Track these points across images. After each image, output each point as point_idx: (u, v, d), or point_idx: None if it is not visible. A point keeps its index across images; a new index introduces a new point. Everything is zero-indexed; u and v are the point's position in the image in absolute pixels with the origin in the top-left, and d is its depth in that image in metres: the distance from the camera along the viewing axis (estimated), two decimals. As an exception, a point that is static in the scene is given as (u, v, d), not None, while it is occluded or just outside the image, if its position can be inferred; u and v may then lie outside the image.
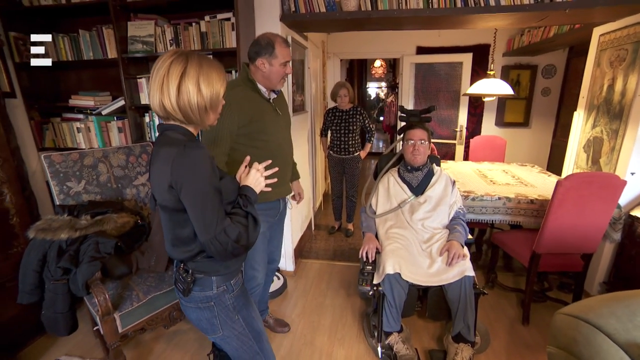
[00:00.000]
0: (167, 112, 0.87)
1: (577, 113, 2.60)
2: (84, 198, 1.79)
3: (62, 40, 2.30)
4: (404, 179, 1.93)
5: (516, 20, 2.22)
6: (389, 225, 1.88)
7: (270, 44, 1.43)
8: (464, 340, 1.67)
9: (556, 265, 2.02)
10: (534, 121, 4.05)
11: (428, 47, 4.04)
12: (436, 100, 4.12)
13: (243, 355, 1.08)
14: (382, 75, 8.66)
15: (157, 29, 2.15)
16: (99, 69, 2.50)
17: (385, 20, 2.21)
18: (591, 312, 1.12)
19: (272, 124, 1.53)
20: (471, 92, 2.72)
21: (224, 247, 0.86)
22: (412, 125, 1.90)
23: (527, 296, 2.02)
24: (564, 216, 1.83)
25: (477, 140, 3.44)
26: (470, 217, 2.24)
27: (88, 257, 1.47)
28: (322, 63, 4.14)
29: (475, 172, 2.85)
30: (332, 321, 2.12)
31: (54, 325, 1.54)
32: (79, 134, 2.36)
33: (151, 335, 1.98)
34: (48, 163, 1.71)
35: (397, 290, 1.64)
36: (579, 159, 2.54)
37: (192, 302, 0.99)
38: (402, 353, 1.66)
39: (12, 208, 1.86)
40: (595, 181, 1.79)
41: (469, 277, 1.62)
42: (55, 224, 1.54)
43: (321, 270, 2.75)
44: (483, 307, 2.21)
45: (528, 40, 3.34)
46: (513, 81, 3.95)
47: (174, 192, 0.85)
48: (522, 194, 2.21)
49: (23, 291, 1.54)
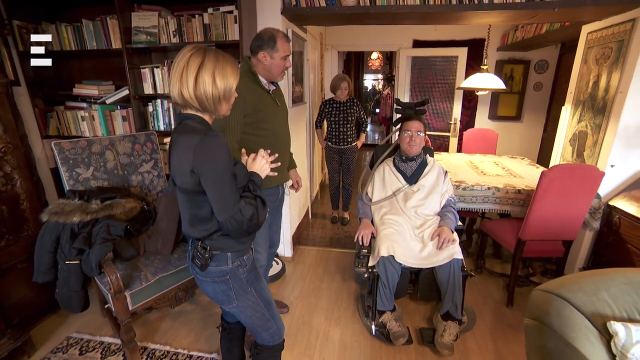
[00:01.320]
0: (185, 101, 0.95)
1: (565, 108, 2.72)
2: (92, 184, 1.86)
3: (65, 29, 2.34)
4: (399, 168, 2.05)
5: (508, 17, 2.31)
6: (384, 212, 1.99)
7: (272, 38, 1.52)
8: (452, 318, 1.81)
9: (539, 252, 2.16)
10: (526, 115, 4.17)
11: (424, 41, 4.11)
12: (431, 93, 4.21)
13: (257, 322, 1.20)
14: (379, 67, 8.69)
15: (161, 20, 2.20)
16: (101, 59, 2.54)
17: (383, 15, 2.28)
18: (562, 288, 1.25)
19: (273, 114, 1.62)
20: (465, 86, 2.81)
21: (239, 225, 0.96)
22: (409, 117, 2.00)
23: (512, 280, 2.16)
24: (547, 205, 1.96)
25: (469, 133, 3.54)
26: (461, 206, 2.36)
27: (100, 238, 1.56)
28: (320, 55, 4.19)
29: (467, 163, 2.96)
30: (329, 303, 2.24)
31: (68, 302, 1.63)
32: (83, 122, 2.42)
33: (157, 315, 2.08)
34: (58, 150, 1.77)
35: (390, 272, 1.76)
36: (565, 151, 2.66)
37: (209, 277, 1.09)
38: (394, 330, 1.79)
39: (23, 193, 1.93)
40: (576, 172, 1.91)
41: (457, 260, 1.75)
42: (67, 208, 1.62)
43: (318, 257, 2.86)
44: (471, 291, 2.35)
45: (521, 35, 3.42)
46: (507, 76, 4.05)
47: (195, 177, 0.94)
48: (510, 185, 2.33)
49: (39, 270, 1.62)
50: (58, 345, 1.86)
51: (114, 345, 1.84)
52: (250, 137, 1.56)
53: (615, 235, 2.05)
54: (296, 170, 2.00)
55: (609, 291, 1.18)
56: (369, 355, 1.81)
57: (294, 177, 1.98)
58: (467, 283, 2.36)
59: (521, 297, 2.24)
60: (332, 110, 3.17)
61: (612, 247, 2.08)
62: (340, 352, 1.83)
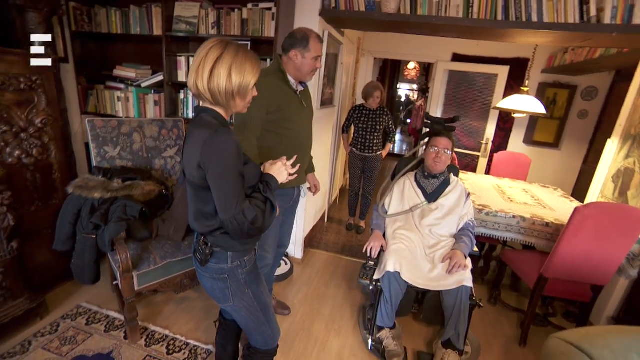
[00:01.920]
0: (199, 92, 0.95)
1: (611, 140, 2.51)
2: (117, 163, 1.93)
3: (114, 13, 2.46)
4: (420, 184, 1.97)
5: (558, 38, 2.17)
6: (398, 227, 1.93)
7: (305, 37, 1.51)
8: (453, 347, 1.72)
9: (563, 292, 2.00)
10: (565, 143, 3.91)
11: (464, 55, 3.96)
12: (465, 110, 4.06)
13: (251, 324, 1.18)
14: (415, 77, 8.52)
15: (202, 11, 2.26)
16: (143, 44, 2.65)
17: (423, 26, 2.21)
18: (586, 341, 1.13)
19: (297, 115, 1.60)
20: (501, 106, 2.67)
21: (240, 227, 0.94)
22: (438, 133, 1.92)
23: (528, 318, 2.02)
24: (577, 244, 1.81)
25: (501, 155, 3.37)
26: (482, 232, 2.24)
27: (116, 217, 1.61)
28: (355, 60, 4.15)
29: (494, 187, 2.82)
30: (332, 311, 2.20)
31: (81, 273, 1.70)
32: (118, 102, 2.53)
33: (162, 298, 2.13)
34: (90, 127, 1.86)
35: (394, 288, 1.71)
36: (606, 188, 2.46)
37: (208, 273, 1.08)
38: (390, 349, 1.74)
39: (56, 164, 2.04)
40: (616, 213, 1.75)
41: (466, 287, 1.66)
42: (91, 183, 1.69)
43: (328, 262, 2.82)
44: (482, 322, 2.22)
45: (571, 59, 3.21)
46: (549, 100, 3.82)
47: (202, 172, 0.93)
48: (538, 216, 2.18)
49: (58, 239, 1.70)
50: (68, 312, 1.94)
51: (118, 320, 1.90)
52: (271, 135, 1.55)
53: (652, 286, 1.87)
54: (314, 175, 1.98)
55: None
56: (365, 373, 1.75)
57: (311, 180, 1.96)
58: (477, 313, 2.28)
59: (536, 337, 2.09)
60: (361, 116, 3.12)
61: (648, 298, 1.90)
62: (335, 364, 1.78)
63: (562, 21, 1.91)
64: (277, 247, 1.87)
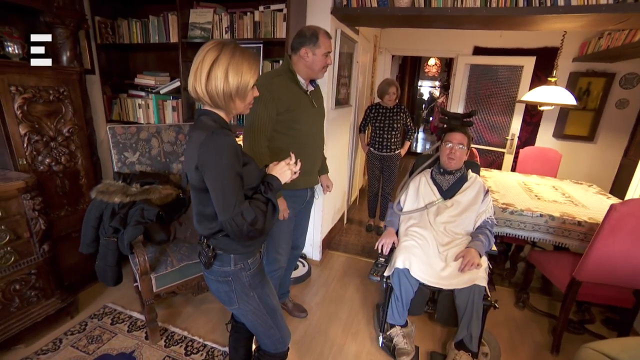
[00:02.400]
0: (198, 95, 0.96)
1: (654, 131, 2.30)
2: (137, 168, 2.00)
3: (135, 24, 2.56)
4: (435, 180, 1.93)
5: (589, 22, 2.01)
6: (411, 224, 1.89)
7: (314, 34, 1.50)
8: (465, 349, 1.66)
9: (600, 297, 1.85)
10: (602, 136, 3.63)
11: (486, 48, 3.79)
12: (488, 105, 3.87)
13: (258, 328, 1.17)
14: (436, 74, 8.27)
15: (215, 16, 2.30)
16: (162, 52, 2.74)
17: (439, 18, 2.13)
18: (625, 354, 1.03)
19: (307, 115, 1.59)
20: (526, 99, 2.52)
21: (239, 228, 0.93)
22: (453, 128, 1.85)
23: (561, 324, 1.88)
24: (614, 245, 1.66)
25: (527, 151, 3.18)
26: (506, 231, 2.12)
27: (134, 220, 1.66)
28: (372, 58, 4.08)
29: (520, 184, 2.66)
30: (349, 315, 2.16)
31: (104, 275, 1.77)
32: (139, 109, 2.63)
33: (181, 300, 2.18)
34: (111, 134, 1.93)
35: (404, 286, 1.68)
36: (648, 183, 2.25)
37: (213, 275, 1.09)
38: (400, 347, 1.72)
39: (82, 170, 2.15)
40: (659, 210, 1.59)
41: (479, 287, 1.59)
42: (111, 188, 1.75)
43: (346, 264, 2.78)
44: (507, 326, 2.10)
45: (607, 44, 2.98)
46: (582, 90, 3.57)
47: (199, 174, 0.93)
48: (568, 214, 2.03)
49: (83, 243, 1.78)
50: (96, 311, 2.03)
51: (140, 321, 1.96)
52: (281, 136, 1.54)
53: None
54: (328, 176, 1.95)
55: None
56: (383, 379, 1.69)
57: (324, 182, 1.93)
58: (503, 317, 2.18)
59: (571, 345, 1.94)
60: (378, 115, 3.06)
61: (700, 305, 1.71)
62: (352, 369, 1.75)
63: (592, 2, 1.76)
64: (292, 249, 1.86)
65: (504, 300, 2.36)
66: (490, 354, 1.76)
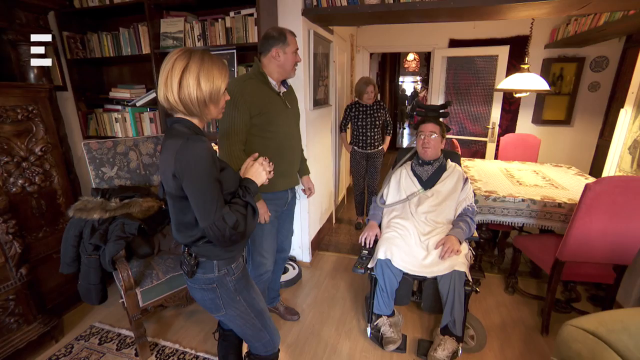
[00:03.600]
0: (171, 105, 0.94)
1: (625, 110, 2.36)
2: (116, 182, 1.96)
3: (105, 37, 2.51)
4: (415, 172, 1.97)
5: (553, 8, 2.06)
6: (394, 216, 1.92)
7: (282, 33, 1.52)
8: (450, 334, 1.70)
9: (582, 275, 1.89)
10: (578, 119, 3.72)
11: (462, 40, 3.85)
12: (468, 96, 3.94)
13: (247, 332, 1.16)
14: (416, 69, 8.37)
15: (187, 25, 2.28)
16: (136, 64, 2.70)
17: (408, 13, 2.15)
18: (602, 326, 1.06)
19: (281, 117, 1.59)
20: (502, 87, 2.57)
21: (222, 233, 0.92)
22: (425, 120, 1.89)
23: (548, 305, 1.91)
24: (592, 223, 1.70)
25: (507, 138, 3.24)
26: (490, 219, 2.15)
27: (115, 236, 1.62)
28: (350, 57, 4.11)
29: (502, 171, 2.70)
30: (342, 314, 2.16)
31: (87, 294, 1.73)
32: (116, 123, 2.58)
33: (171, 313, 2.14)
34: (86, 150, 1.89)
35: (387, 276, 1.71)
36: (623, 161, 2.31)
37: (197, 284, 1.07)
38: (387, 335, 1.77)
39: (59, 189, 2.09)
40: (631, 186, 1.64)
41: (459, 272, 1.62)
42: (89, 205, 1.71)
43: (337, 263, 2.78)
44: (499, 312, 2.13)
45: (574, 29, 3.06)
46: (555, 75, 3.65)
47: (177, 181, 0.92)
48: (549, 197, 2.08)
49: (64, 263, 1.74)
50: (82, 333, 1.98)
51: (129, 338, 1.92)
52: (257, 139, 1.54)
53: (681, 261, 1.73)
54: (309, 178, 1.94)
55: (660, 334, 0.97)
56: (378, 375, 1.70)
57: (305, 183, 1.93)
58: (494, 302, 2.22)
59: (560, 324, 1.94)
60: (359, 114, 3.07)
61: (678, 275, 1.76)
62: (347, 368, 1.74)
63: (553, -10, 1.81)
64: (277, 253, 1.84)
65: (493, 286, 2.39)
66: (476, 337, 1.80)
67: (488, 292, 2.33)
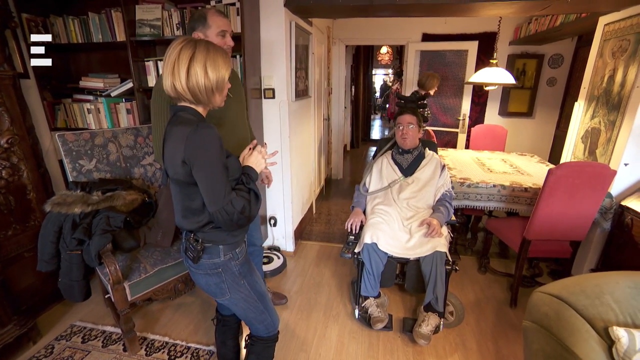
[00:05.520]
0: (178, 93, 0.95)
1: (578, 103, 2.61)
2: (95, 176, 1.89)
3: (72, 22, 2.36)
4: (396, 160, 2.08)
5: (519, 8, 2.22)
6: (377, 202, 2.03)
7: (202, 15, 1.39)
8: (433, 310, 1.84)
9: (545, 252, 2.10)
10: (538, 111, 4.04)
11: (434, 34, 4.01)
12: (440, 89, 4.11)
13: (250, 314, 1.20)
14: (389, 62, 8.57)
15: (164, 12, 2.20)
16: (108, 52, 2.56)
17: (388, 7, 2.22)
18: (564, 290, 1.21)
19: (223, 107, 1.47)
20: (472, 80, 2.73)
21: (230, 217, 0.95)
22: (402, 111, 2.00)
23: (516, 280, 2.11)
24: (554, 204, 1.89)
25: (477, 129, 3.46)
26: (465, 204, 2.31)
27: (100, 229, 1.58)
28: (327, 49, 4.14)
29: (474, 160, 2.89)
30: (328, 299, 2.24)
31: (70, 291, 1.67)
32: (89, 114, 2.45)
33: (158, 306, 2.11)
34: (62, 142, 1.80)
35: (374, 259, 1.82)
36: (577, 149, 2.57)
37: (202, 269, 1.09)
38: (375, 315, 1.87)
39: (29, 184, 1.97)
40: (585, 171, 1.84)
41: (440, 253, 1.76)
42: (69, 199, 1.64)
43: (320, 252, 2.85)
44: (473, 289, 2.31)
45: (535, 28, 3.30)
46: (518, 70, 3.92)
47: (187, 167, 0.94)
48: (517, 182, 2.27)
49: (42, 260, 1.66)
50: (62, 332, 1.90)
51: (115, 334, 1.88)
52: None
53: (627, 236, 1.97)
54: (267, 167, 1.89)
55: (613, 295, 1.13)
56: (366, 353, 1.79)
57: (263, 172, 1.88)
58: (469, 281, 2.40)
59: (525, 297, 2.13)
60: None
61: (624, 248, 2.01)
62: (337, 349, 1.82)
63: (520, -9, 1.96)
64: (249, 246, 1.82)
65: (468, 267, 2.58)
66: (455, 313, 1.96)
67: (463, 272, 2.51)
